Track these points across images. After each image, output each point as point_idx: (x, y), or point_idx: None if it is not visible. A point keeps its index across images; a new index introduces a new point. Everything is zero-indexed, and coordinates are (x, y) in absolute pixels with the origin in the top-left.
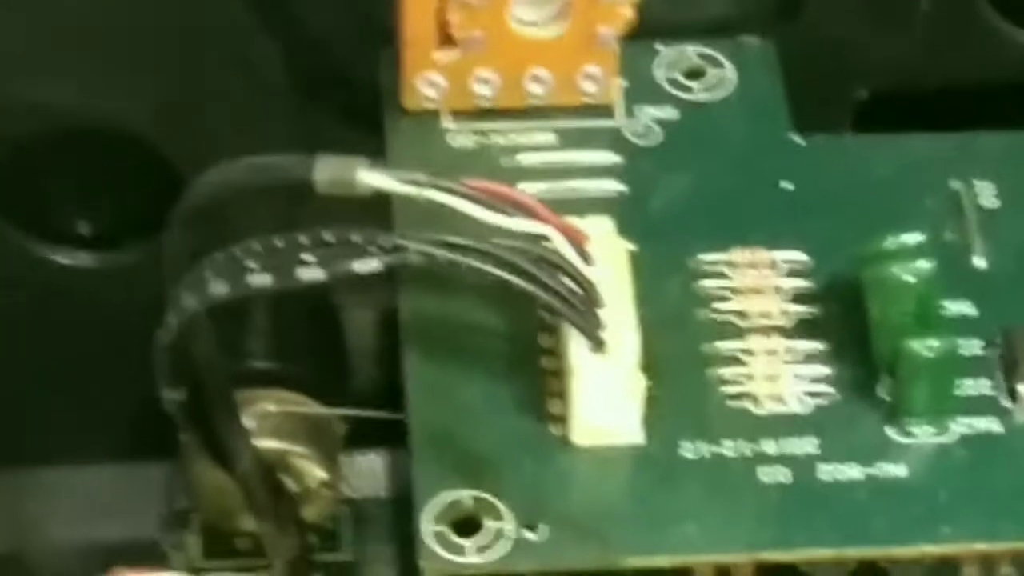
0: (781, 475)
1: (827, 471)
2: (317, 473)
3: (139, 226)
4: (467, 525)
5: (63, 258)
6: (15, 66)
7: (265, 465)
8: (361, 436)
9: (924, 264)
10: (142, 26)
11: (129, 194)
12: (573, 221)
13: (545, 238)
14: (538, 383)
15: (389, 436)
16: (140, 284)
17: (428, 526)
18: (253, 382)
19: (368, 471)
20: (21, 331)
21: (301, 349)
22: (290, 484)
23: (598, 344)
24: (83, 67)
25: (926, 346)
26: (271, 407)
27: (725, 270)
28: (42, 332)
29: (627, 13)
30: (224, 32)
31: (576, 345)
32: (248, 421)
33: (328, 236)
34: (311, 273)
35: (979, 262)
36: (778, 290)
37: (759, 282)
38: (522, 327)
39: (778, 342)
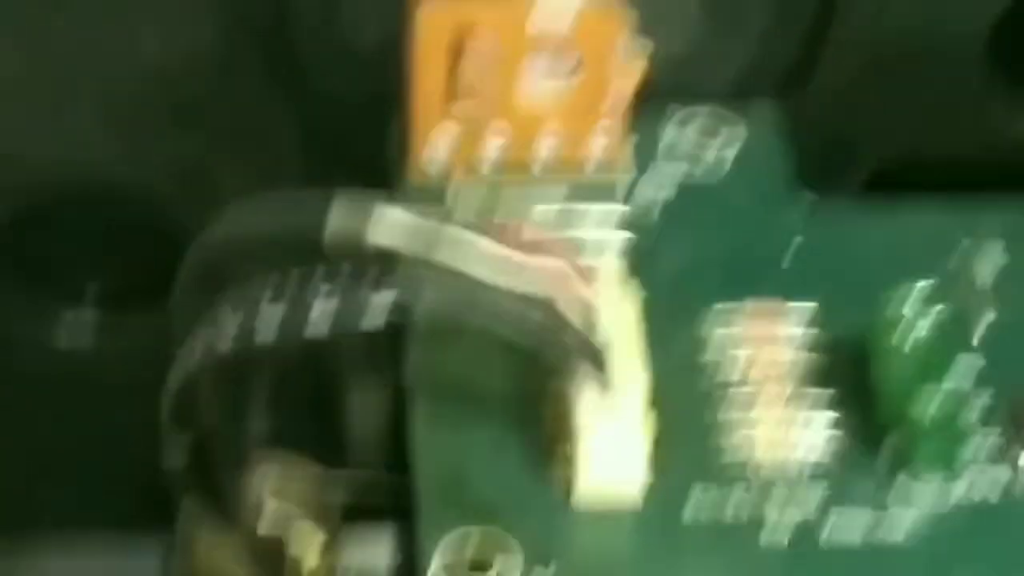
0: (784, 536)
1: (830, 528)
2: (318, 536)
3: (147, 292)
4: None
5: (70, 321)
6: (26, 128)
7: (266, 524)
8: (362, 508)
9: (928, 323)
10: (156, 92)
11: (138, 259)
12: (584, 265)
13: (550, 297)
14: (546, 429)
15: (390, 508)
16: (146, 351)
17: (435, 567)
18: (257, 444)
19: (368, 541)
20: (24, 398)
21: (305, 413)
22: (290, 547)
23: (606, 387)
24: (95, 130)
25: (930, 406)
26: (274, 468)
27: (735, 320)
28: (45, 400)
29: (638, 72)
30: (236, 99)
31: (583, 398)
32: (251, 481)
33: (336, 290)
34: (317, 328)
35: (984, 324)
36: (787, 341)
37: (769, 331)
38: (530, 378)
39: (787, 389)
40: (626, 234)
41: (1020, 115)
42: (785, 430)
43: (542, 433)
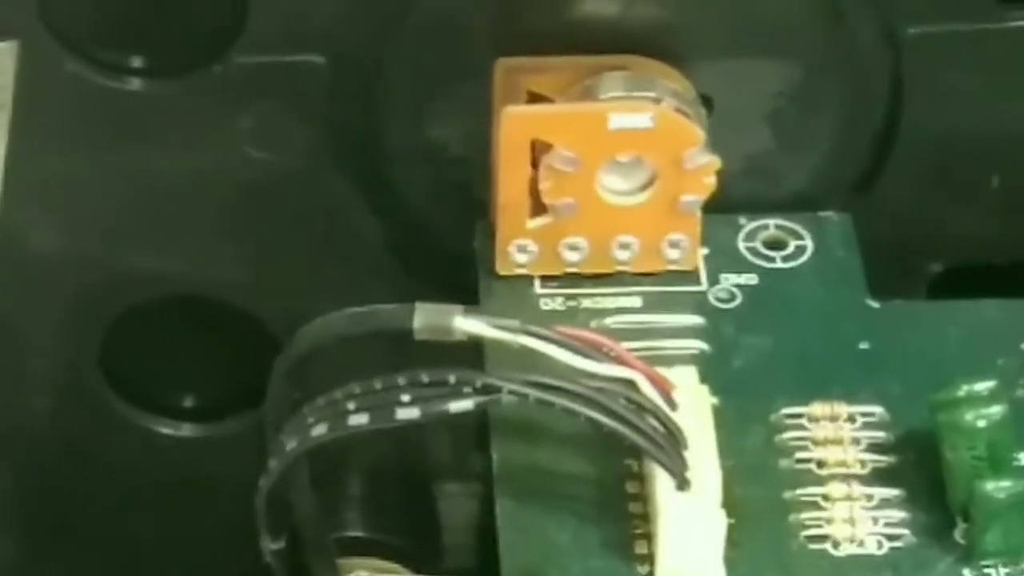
0: None
1: None
2: None
3: (240, 398)
4: None
5: (166, 429)
6: (124, 238)
7: None
8: None
9: (996, 409)
10: (250, 203)
11: (231, 365)
12: (659, 370)
13: (632, 383)
14: (625, 526)
15: None
16: (241, 455)
17: None
18: (348, 551)
19: None
20: (124, 500)
21: (396, 520)
22: None
23: (683, 483)
24: (190, 240)
25: (999, 488)
26: (365, 575)
27: (804, 422)
28: (140, 502)
29: (710, 182)
30: (326, 209)
31: (662, 487)
32: None
33: (424, 377)
34: (407, 413)
35: None
36: (855, 441)
37: (837, 433)
38: (609, 473)
39: (856, 488)
40: (698, 342)
41: None
42: (855, 527)
43: (626, 515)
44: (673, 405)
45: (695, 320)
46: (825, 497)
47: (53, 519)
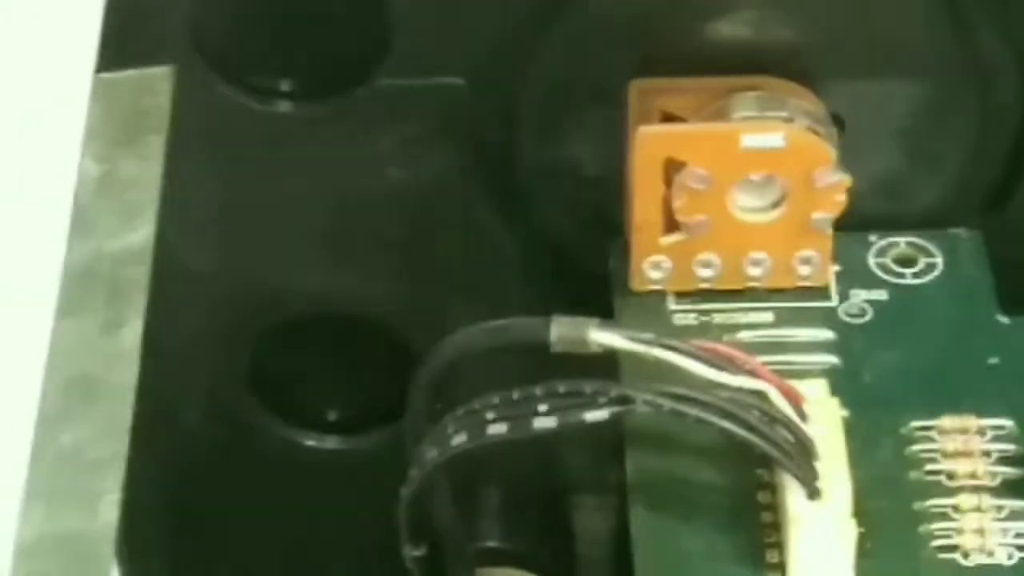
0: None
1: None
2: None
3: (382, 413)
4: None
5: (311, 442)
6: (271, 256)
7: None
8: None
9: None
10: (391, 221)
11: (373, 380)
12: (790, 383)
13: (764, 394)
14: (757, 535)
15: None
16: (381, 470)
17: None
18: (486, 561)
19: None
20: (266, 510)
21: (532, 531)
22: None
23: (813, 492)
24: (334, 258)
25: None
26: None
27: (934, 435)
28: (284, 513)
29: (841, 200)
30: (464, 227)
31: (793, 497)
32: None
33: (561, 388)
34: (544, 423)
35: None
36: (985, 453)
37: (967, 446)
38: (741, 483)
39: (986, 500)
40: (829, 356)
41: None
42: (985, 538)
43: (757, 524)
44: (804, 417)
45: (826, 335)
46: (955, 508)
47: (201, 531)
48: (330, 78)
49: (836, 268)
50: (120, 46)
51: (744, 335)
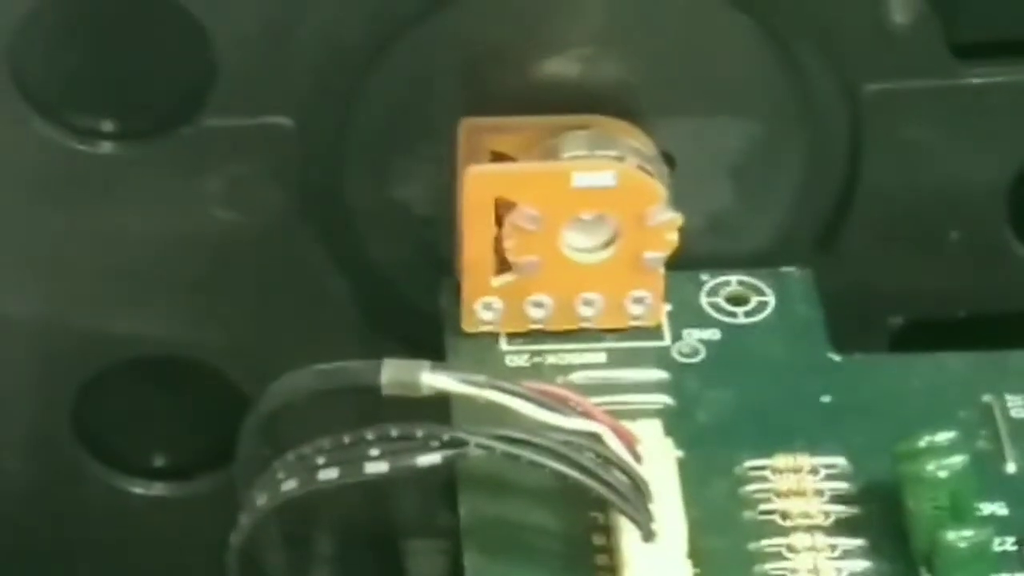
0: None
1: None
2: None
3: (211, 458)
4: None
5: (138, 488)
6: (93, 299)
7: None
8: None
9: (957, 460)
10: (217, 262)
11: (201, 424)
12: (624, 423)
13: (597, 436)
14: (594, 569)
15: None
16: (211, 515)
17: None
18: None
19: None
20: (93, 560)
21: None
22: None
23: (648, 534)
24: (159, 301)
25: (961, 538)
26: None
27: (768, 474)
28: (112, 561)
29: (672, 238)
30: (294, 268)
31: (628, 539)
32: None
33: (393, 431)
34: (376, 467)
35: (1010, 467)
36: (818, 492)
37: (800, 485)
38: (576, 526)
39: (820, 539)
40: (663, 396)
41: None
42: (820, 570)
43: (593, 567)
44: (638, 458)
45: (659, 375)
46: (789, 548)
47: None
48: (153, 118)
49: (668, 307)
50: None
51: (577, 376)
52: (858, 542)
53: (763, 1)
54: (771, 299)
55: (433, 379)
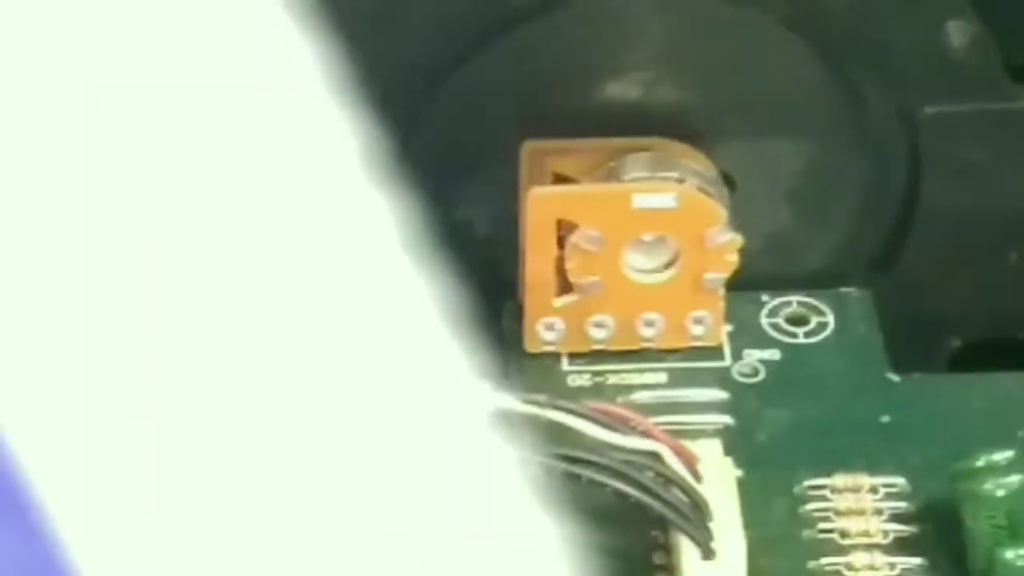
0: None
1: None
2: None
3: None
4: None
5: None
6: None
7: None
8: None
9: (1015, 479)
10: None
11: None
12: (684, 443)
13: (658, 455)
14: None
15: None
16: None
17: None
18: None
19: None
20: None
21: None
22: None
23: (708, 553)
24: None
25: (1019, 556)
26: None
27: (827, 494)
28: None
29: (732, 260)
30: None
31: (688, 558)
32: None
33: None
34: None
35: None
36: (877, 511)
37: (859, 504)
38: (636, 545)
39: (878, 558)
40: (723, 416)
41: None
42: None
43: None
44: (698, 477)
45: (719, 395)
46: (848, 567)
47: None
48: None
49: (728, 328)
50: None
51: (638, 396)
52: (917, 561)
53: (820, 25)
54: (831, 319)
55: (496, 399)
